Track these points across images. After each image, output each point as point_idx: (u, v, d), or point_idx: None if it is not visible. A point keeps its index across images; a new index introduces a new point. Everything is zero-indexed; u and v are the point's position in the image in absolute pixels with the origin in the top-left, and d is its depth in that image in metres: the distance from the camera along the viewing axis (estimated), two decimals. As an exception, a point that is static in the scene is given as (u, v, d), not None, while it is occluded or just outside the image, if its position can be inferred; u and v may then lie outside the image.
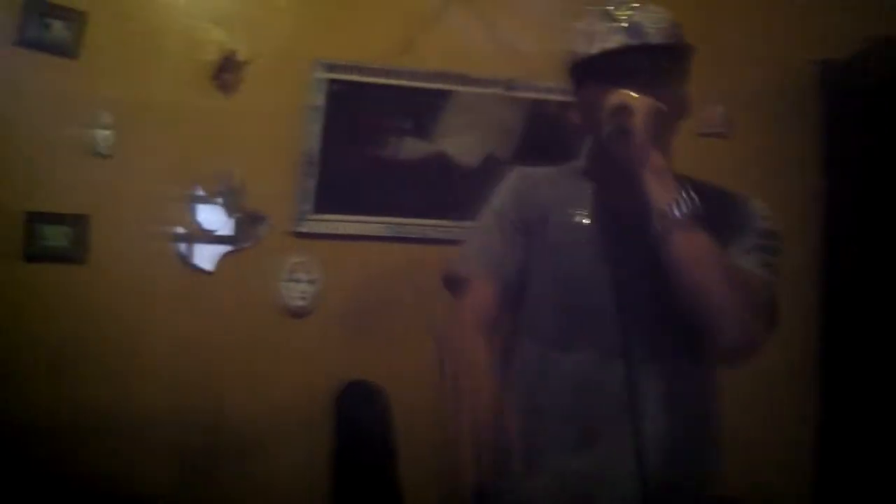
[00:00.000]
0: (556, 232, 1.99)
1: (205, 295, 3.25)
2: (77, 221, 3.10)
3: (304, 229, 3.34)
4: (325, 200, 3.35)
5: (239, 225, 3.29)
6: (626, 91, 1.80)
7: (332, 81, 3.29)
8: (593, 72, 1.89)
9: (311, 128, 3.29)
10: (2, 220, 3.03)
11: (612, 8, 1.91)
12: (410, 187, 3.42)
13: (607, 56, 1.86)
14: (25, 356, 3.06)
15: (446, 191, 3.43)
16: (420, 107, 3.41)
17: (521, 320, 2.01)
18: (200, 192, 3.24)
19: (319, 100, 3.29)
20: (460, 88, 3.43)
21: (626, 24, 1.87)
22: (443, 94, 3.42)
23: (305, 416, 3.33)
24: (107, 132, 3.11)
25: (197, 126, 3.20)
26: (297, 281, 3.35)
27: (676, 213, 1.75)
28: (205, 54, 3.20)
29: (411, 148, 3.42)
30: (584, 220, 1.97)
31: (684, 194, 1.77)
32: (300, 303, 3.35)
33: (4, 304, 3.04)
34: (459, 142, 3.46)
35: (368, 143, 3.38)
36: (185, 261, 3.25)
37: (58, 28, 3.04)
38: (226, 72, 3.21)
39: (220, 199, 3.26)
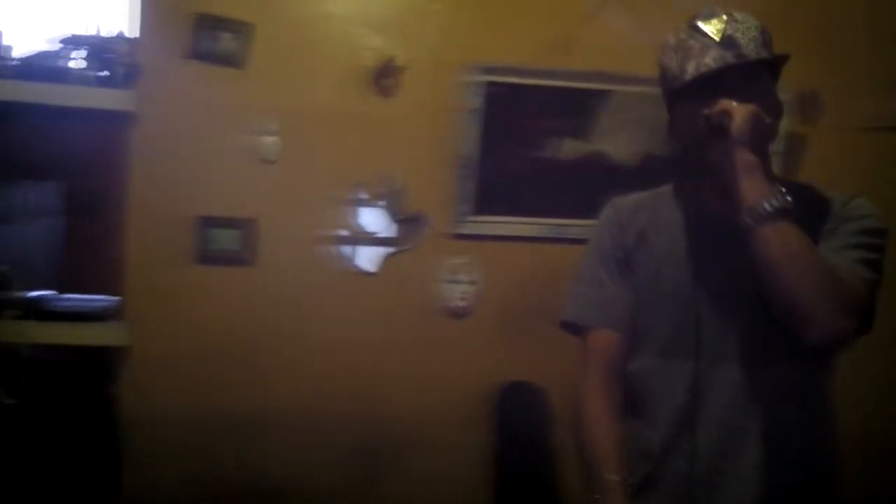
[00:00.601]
0: (655, 252, 2.02)
1: (367, 296, 3.32)
2: (246, 225, 3.21)
3: (463, 231, 3.37)
4: (485, 202, 3.37)
5: (400, 227, 3.35)
6: (725, 100, 1.80)
7: (489, 84, 3.32)
8: (689, 89, 1.88)
9: (469, 130, 3.32)
10: (176, 225, 3.17)
11: (701, 22, 1.90)
12: (569, 188, 3.42)
13: (703, 75, 1.86)
14: (198, 355, 3.18)
15: (605, 191, 3.39)
16: (577, 107, 3.40)
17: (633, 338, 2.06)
18: (363, 195, 3.32)
19: (477, 102, 3.32)
20: (617, 87, 3.41)
21: (718, 39, 1.86)
22: (600, 94, 3.41)
23: (466, 417, 3.35)
24: (273, 139, 3.22)
25: (358, 131, 3.28)
26: (458, 282, 3.38)
27: (767, 207, 1.74)
28: (364, 61, 3.28)
29: (569, 148, 3.42)
30: (681, 237, 2.00)
31: (776, 190, 1.76)
32: (461, 304, 3.38)
33: (179, 305, 3.17)
34: (617, 141, 3.44)
35: (526, 145, 3.40)
36: (349, 262, 3.33)
37: (227, 40, 3.17)
38: (385, 77, 3.28)
39: (381, 202, 3.33)
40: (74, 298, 3.17)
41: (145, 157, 3.12)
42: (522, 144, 3.39)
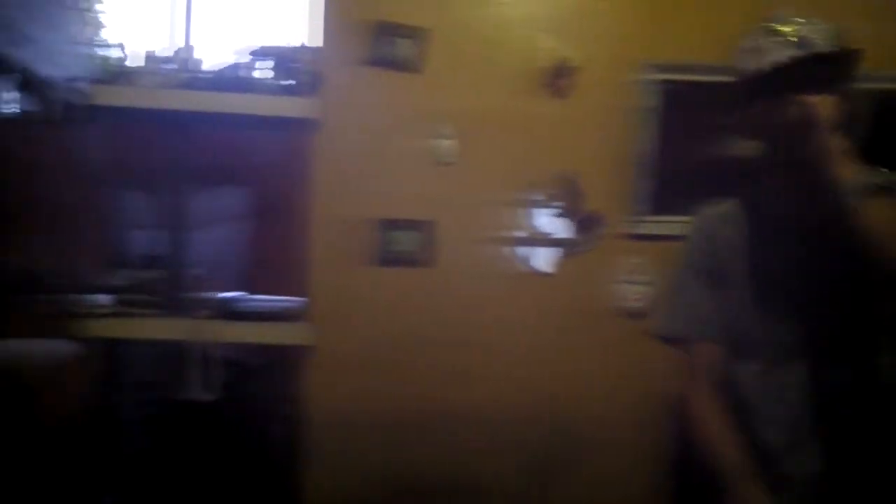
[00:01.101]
0: (746, 259, 2.04)
1: (543, 297, 3.34)
2: (424, 227, 3.28)
3: (640, 231, 3.35)
4: (661, 201, 3.34)
5: (576, 228, 3.35)
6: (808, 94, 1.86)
7: (665, 82, 3.29)
8: (765, 86, 1.92)
9: (645, 129, 3.30)
10: (357, 228, 3.25)
11: (777, 25, 1.94)
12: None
13: (780, 70, 1.90)
14: (378, 355, 3.26)
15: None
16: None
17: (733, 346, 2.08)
18: (538, 197, 3.33)
19: (652, 101, 3.30)
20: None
21: (794, 39, 1.91)
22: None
23: (643, 417, 3.32)
24: (450, 142, 3.28)
25: (533, 132, 3.31)
26: (634, 283, 3.36)
27: (866, 184, 1.78)
28: (538, 62, 3.30)
29: (747, 145, 3.35)
30: (771, 243, 2.02)
31: (872, 170, 1.82)
32: (637, 304, 3.36)
33: (360, 306, 3.26)
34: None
35: (703, 143, 3.35)
36: (525, 264, 3.35)
37: (404, 46, 3.24)
38: (559, 78, 3.30)
39: (557, 203, 3.34)
40: (262, 299, 3.30)
41: (328, 162, 3.23)
42: (700, 142, 3.35)
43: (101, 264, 3.55)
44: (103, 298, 3.19)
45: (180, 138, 3.36)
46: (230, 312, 3.20)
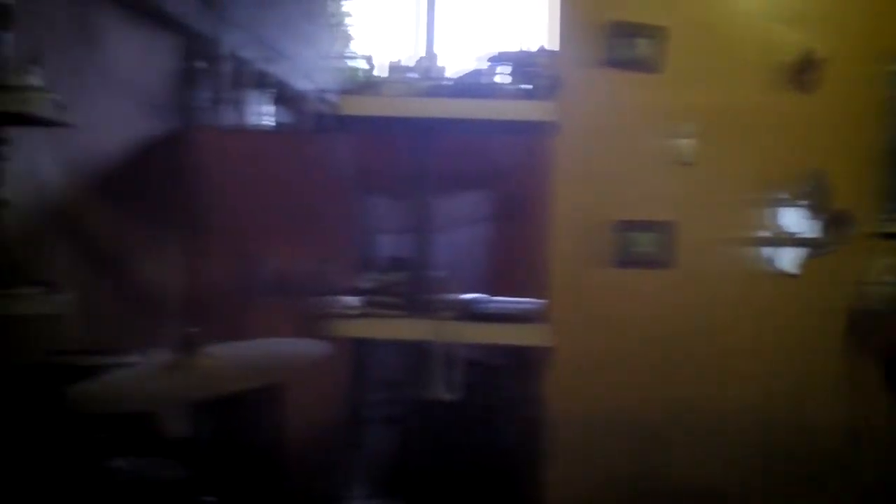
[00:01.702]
0: None
1: (787, 298, 3.24)
2: (664, 228, 3.25)
3: (892, 229, 3.20)
4: (916, 198, 3.18)
5: (823, 226, 3.23)
6: None
7: (918, 72, 3.13)
8: None
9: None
10: (596, 229, 3.26)
11: None
12: None
13: None
14: (618, 356, 3.25)
15: None
16: None
17: None
18: (783, 195, 3.24)
19: (904, 93, 3.15)
20: None
21: None
22: None
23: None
24: (690, 141, 3.23)
25: (777, 128, 3.22)
26: (886, 284, 3.21)
27: None
28: (782, 56, 3.21)
29: None
30: None
31: None
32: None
33: (599, 307, 3.27)
34: None
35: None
36: (769, 264, 3.26)
37: (641, 46, 3.23)
38: (805, 72, 3.19)
39: (803, 201, 3.23)
40: (502, 301, 3.36)
41: (566, 165, 3.25)
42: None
43: (350, 267, 3.72)
44: (352, 300, 3.34)
45: (424, 145, 3.47)
46: (472, 314, 3.28)
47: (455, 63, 3.40)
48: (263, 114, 7.19)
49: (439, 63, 3.39)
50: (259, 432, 3.68)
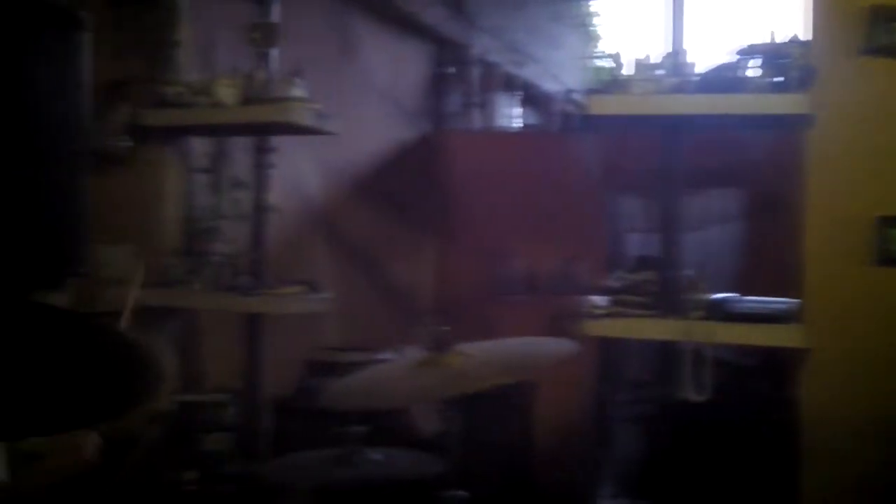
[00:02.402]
0: None
1: None
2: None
3: None
4: None
5: None
6: None
7: None
8: None
9: None
10: (854, 226, 3.13)
11: None
12: None
13: None
14: (876, 358, 3.11)
15: None
16: None
17: None
18: None
19: None
20: None
21: None
22: None
23: None
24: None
25: None
26: None
27: None
28: None
29: None
30: None
31: None
32: None
33: (856, 307, 3.13)
34: None
35: None
36: None
37: (903, 32, 3.07)
38: None
39: None
40: (754, 300, 3.27)
41: (822, 159, 3.13)
42: None
43: (598, 266, 3.72)
44: (600, 299, 3.35)
45: (672, 142, 3.43)
46: (723, 313, 3.21)
47: (704, 58, 3.34)
48: (512, 116, 7.29)
49: (687, 58, 3.34)
50: (509, 429, 3.75)
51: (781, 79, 3.14)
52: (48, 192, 2.65)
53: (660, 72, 3.28)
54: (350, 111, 4.71)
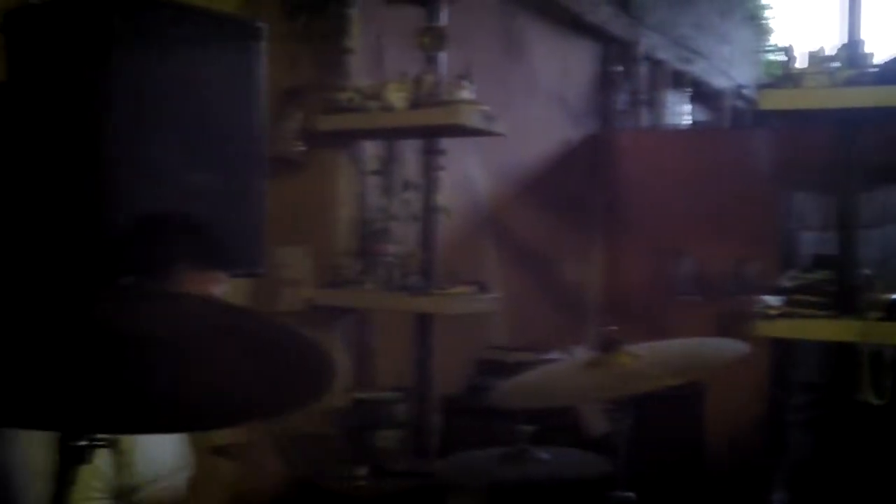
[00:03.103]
0: None
1: None
2: None
3: None
4: None
5: None
6: None
7: None
8: None
9: None
10: None
11: None
12: None
13: None
14: None
15: None
16: None
17: None
18: None
19: None
20: None
21: None
22: None
23: None
24: None
25: None
26: None
27: None
28: None
29: None
30: None
31: None
32: None
33: None
34: None
35: None
36: None
37: None
38: None
39: None
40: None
41: None
42: None
43: (771, 265, 3.64)
44: (773, 299, 3.27)
45: (848, 136, 3.32)
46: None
47: (882, 48, 3.22)
48: (681, 113, 7.18)
49: (864, 49, 3.22)
50: (678, 431, 3.70)
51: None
52: (229, 196, 2.77)
53: (835, 64, 3.18)
54: (517, 112, 4.74)
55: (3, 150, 2.65)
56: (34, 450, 1.82)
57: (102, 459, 1.83)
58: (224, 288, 2.08)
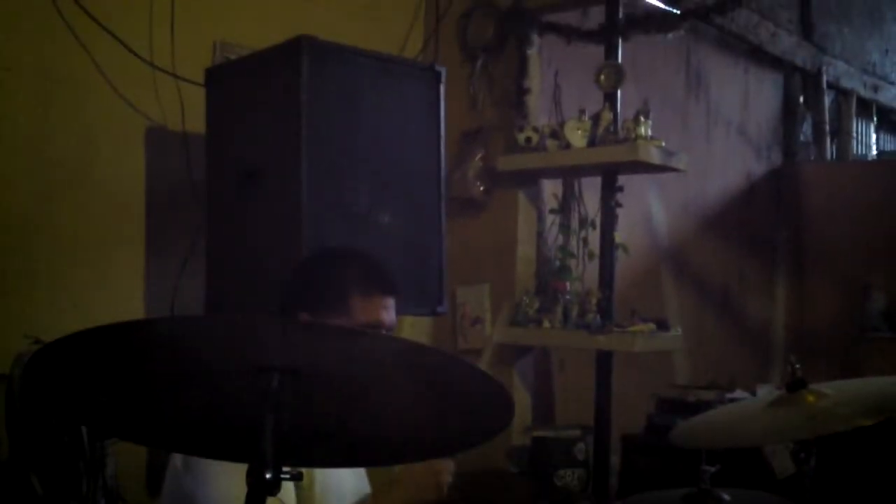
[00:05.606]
0: None
1: None
2: None
3: None
4: None
5: None
6: None
7: None
8: None
9: None
10: None
11: None
12: None
13: None
14: None
15: None
16: None
17: None
18: None
19: None
20: None
21: None
22: None
23: None
24: None
25: None
26: None
27: None
28: None
29: None
30: None
31: None
32: None
33: None
34: None
35: None
36: None
37: None
38: None
39: None
40: None
41: None
42: None
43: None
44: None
45: None
46: None
47: None
48: (868, 143, 6.95)
49: None
50: (869, 473, 3.56)
51: None
52: (412, 236, 2.85)
53: None
54: (698, 146, 4.70)
55: (213, 196, 2.82)
56: (221, 480, 1.90)
57: (287, 493, 1.88)
58: (393, 315, 2.11)
